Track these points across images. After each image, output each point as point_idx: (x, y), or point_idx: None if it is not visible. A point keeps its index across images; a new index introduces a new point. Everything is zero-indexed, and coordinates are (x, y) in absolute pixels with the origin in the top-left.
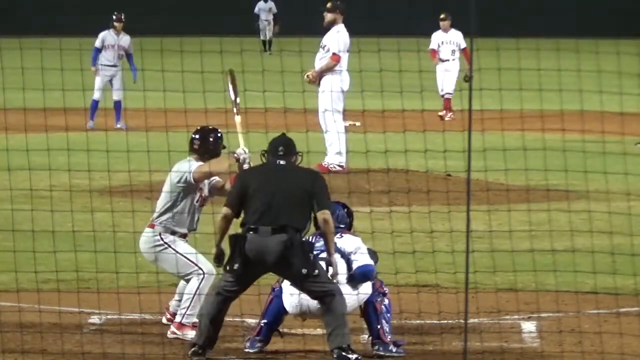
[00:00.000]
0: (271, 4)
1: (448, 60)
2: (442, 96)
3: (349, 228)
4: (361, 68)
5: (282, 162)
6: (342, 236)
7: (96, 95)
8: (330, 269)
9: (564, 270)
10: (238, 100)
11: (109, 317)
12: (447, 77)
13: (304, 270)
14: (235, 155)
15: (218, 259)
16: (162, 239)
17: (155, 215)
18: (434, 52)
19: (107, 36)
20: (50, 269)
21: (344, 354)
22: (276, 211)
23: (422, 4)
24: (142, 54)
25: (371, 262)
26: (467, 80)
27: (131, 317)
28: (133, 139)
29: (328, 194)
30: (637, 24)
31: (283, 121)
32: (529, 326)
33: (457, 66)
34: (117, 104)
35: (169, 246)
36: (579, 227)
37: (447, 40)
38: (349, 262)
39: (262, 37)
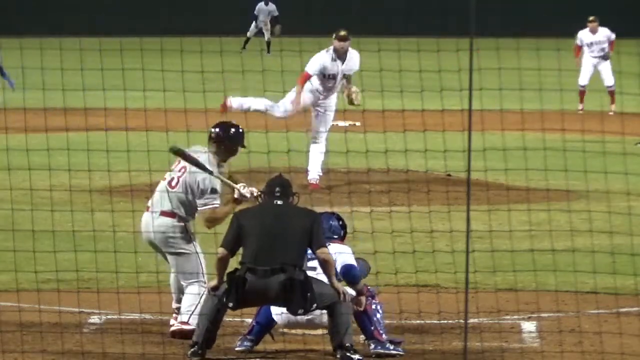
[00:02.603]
0: (272, 7)
1: (600, 56)
2: (581, 89)
3: (342, 239)
4: (362, 68)
5: (279, 202)
6: (329, 244)
7: None
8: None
9: (564, 270)
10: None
11: (109, 317)
12: (602, 71)
13: (301, 311)
14: (237, 197)
15: (214, 290)
16: (187, 232)
17: (173, 205)
18: (579, 49)
19: None
20: (50, 269)
21: (348, 354)
22: (274, 251)
23: (421, 4)
24: (143, 54)
25: (354, 262)
26: (606, 59)
27: (131, 317)
28: (133, 139)
29: (324, 234)
30: (637, 24)
31: (283, 121)
32: (529, 326)
33: (608, 60)
34: None
35: (192, 243)
36: (579, 227)
37: (596, 41)
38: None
39: (248, 35)
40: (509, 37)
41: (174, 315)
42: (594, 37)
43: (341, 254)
